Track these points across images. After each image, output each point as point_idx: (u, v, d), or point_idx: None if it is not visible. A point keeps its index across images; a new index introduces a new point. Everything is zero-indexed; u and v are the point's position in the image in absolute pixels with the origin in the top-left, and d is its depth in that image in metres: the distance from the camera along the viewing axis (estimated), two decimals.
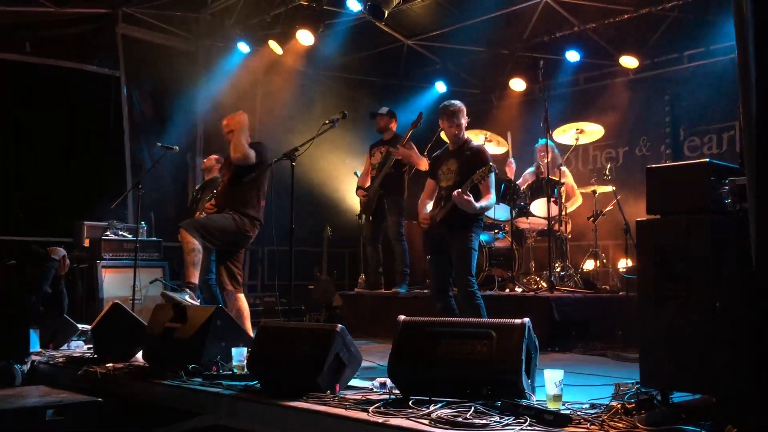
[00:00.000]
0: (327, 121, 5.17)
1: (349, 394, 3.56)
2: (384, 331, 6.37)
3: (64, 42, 8.64)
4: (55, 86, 8.50)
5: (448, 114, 5.10)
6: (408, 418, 3.01)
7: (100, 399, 4.18)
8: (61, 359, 5.21)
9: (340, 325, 3.76)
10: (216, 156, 7.33)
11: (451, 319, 4.50)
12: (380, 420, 3.02)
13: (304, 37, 8.66)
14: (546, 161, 7.08)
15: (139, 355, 4.96)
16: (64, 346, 5.74)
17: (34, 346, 5.33)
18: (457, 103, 5.17)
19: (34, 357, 5.22)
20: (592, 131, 7.65)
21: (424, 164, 7.27)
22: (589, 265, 7.54)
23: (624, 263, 7.22)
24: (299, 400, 3.44)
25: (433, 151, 6.89)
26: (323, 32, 8.86)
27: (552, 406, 3.05)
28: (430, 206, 5.19)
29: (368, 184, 7.55)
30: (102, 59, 9.00)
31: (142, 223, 7.51)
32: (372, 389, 3.69)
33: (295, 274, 5.18)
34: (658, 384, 3.02)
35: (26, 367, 5.00)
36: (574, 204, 7.58)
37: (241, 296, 5.38)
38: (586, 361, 5.25)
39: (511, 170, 7.65)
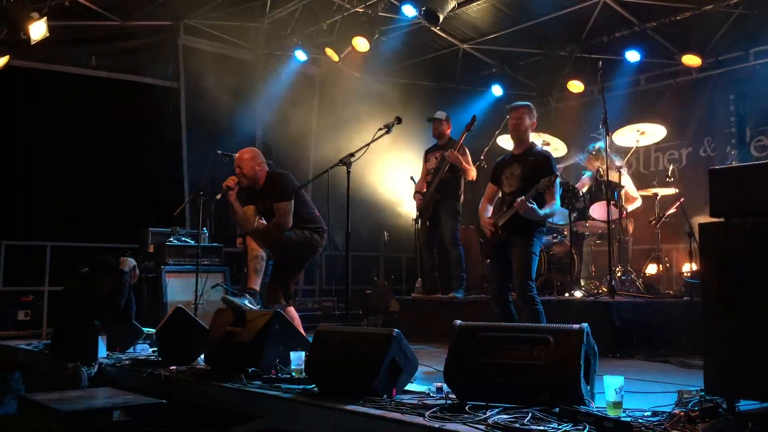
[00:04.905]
0: (382, 127, 5.21)
1: (406, 399, 3.56)
2: (440, 335, 6.35)
3: (126, 54, 8.92)
4: (117, 98, 8.75)
5: (516, 108, 5.16)
6: (465, 424, 2.99)
7: (164, 401, 4.29)
8: (127, 362, 5.36)
9: (395, 330, 3.77)
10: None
11: (507, 324, 4.47)
12: (437, 425, 3.00)
13: (360, 44, 8.74)
14: (600, 165, 6.96)
15: (201, 358, 5.07)
16: (131, 349, 5.91)
17: (102, 353, 5.51)
18: (529, 103, 5.25)
19: (101, 359, 5.40)
20: (653, 132, 7.49)
21: (472, 173, 7.23)
22: (651, 269, 7.37)
23: (688, 267, 7.03)
24: (356, 404, 3.46)
25: (489, 156, 6.83)
26: (378, 39, 8.93)
27: (612, 413, 2.99)
28: (490, 211, 5.16)
29: (425, 188, 7.56)
30: (162, 70, 9.26)
31: (204, 229, 7.67)
32: (428, 394, 3.68)
33: (353, 278, 5.23)
34: (724, 392, 2.94)
35: (93, 370, 5.18)
36: (633, 205, 7.43)
37: (291, 308, 5.46)
38: (649, 367, 5.13)
39: None
